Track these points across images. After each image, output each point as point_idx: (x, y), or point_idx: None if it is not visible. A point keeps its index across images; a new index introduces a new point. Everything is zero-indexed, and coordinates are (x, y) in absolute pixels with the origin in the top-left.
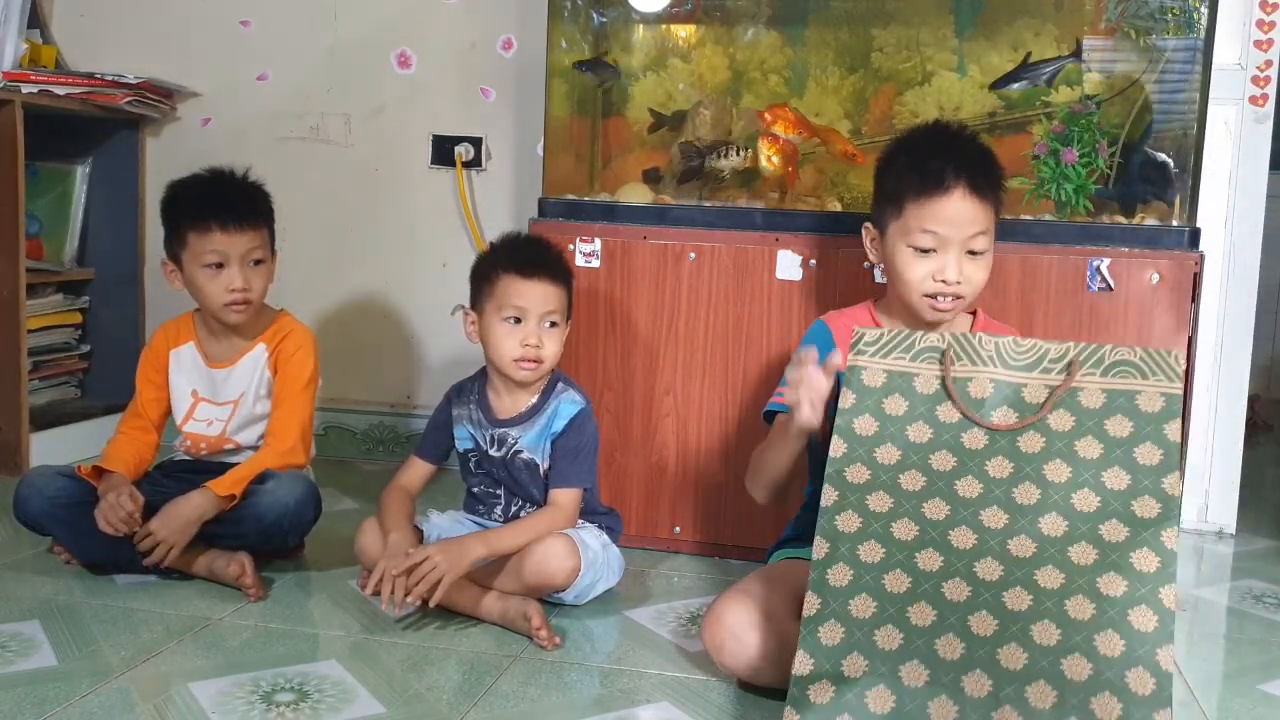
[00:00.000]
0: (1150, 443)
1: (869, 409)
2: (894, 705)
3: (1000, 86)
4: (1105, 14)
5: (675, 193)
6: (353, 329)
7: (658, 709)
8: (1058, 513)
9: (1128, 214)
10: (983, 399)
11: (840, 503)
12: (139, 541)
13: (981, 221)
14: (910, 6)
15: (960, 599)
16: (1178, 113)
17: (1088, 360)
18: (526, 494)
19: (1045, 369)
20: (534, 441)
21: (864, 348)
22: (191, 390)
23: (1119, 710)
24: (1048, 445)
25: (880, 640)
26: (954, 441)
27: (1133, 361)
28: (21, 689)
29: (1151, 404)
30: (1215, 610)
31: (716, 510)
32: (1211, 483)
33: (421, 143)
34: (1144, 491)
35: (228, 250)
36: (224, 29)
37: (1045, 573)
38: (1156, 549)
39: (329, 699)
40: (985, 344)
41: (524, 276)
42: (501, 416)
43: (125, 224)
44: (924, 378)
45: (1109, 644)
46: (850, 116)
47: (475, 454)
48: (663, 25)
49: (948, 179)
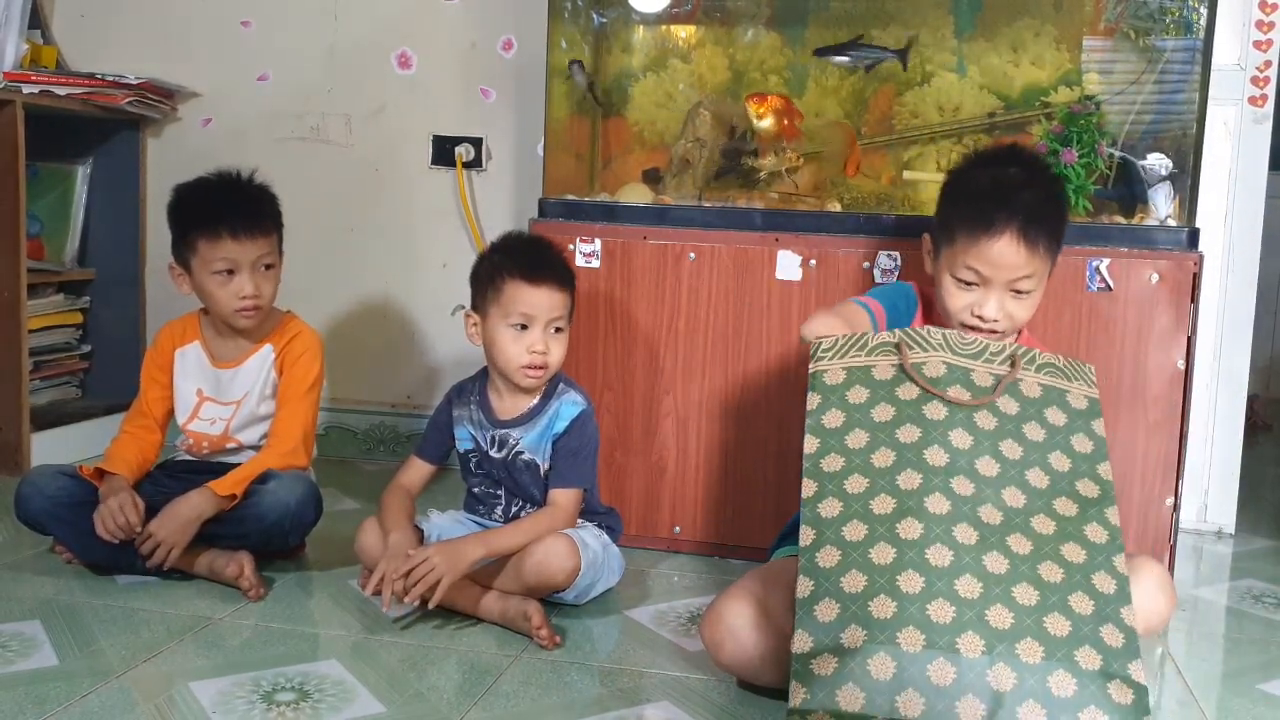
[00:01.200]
0: (1082, 434)
1: (834, 404)
2: (895, 670)
3: (822, 55)
4: (1105, 14)
5: (707, 190)
6: (353, 329)
7: (658, 709)
8: (1016, 486)
9: (1127, 214)
10: (937, 378)
11: (820, 492)
12: (139, 545)
13: (1029, 266)
14: (910, 6)
15: (945, 564)
16: (1177, 113)
17: (1024, 356)
18: (527, 494)
19: (988, 359)
20: (535, 442)
21: (821, 354)
22: (196, 390)
23: (1100, 661)
24: (1000, 425)
25: (875, 610)
26: (916, 413)
27: (1058, 366)
28: (22, 689)
29: (1078, 402)
30: (1215, 610)
31: (716, 510)
32: (1211, 483)
33: (421, 143)
34: (1083, 475)
35: (239, 258)
36: (224, 29)
37: (1016, 539)
38: (1103, 523)
39: (329, 699)
40: (933, 334)
41: (531, 283)
42: (503, 418)
43: (126, 224)
44: (881, 367)
45: (1081, 604)
46: (850, 117)
47: (475, 455)
48: (663, 25)
49: (998, 222)
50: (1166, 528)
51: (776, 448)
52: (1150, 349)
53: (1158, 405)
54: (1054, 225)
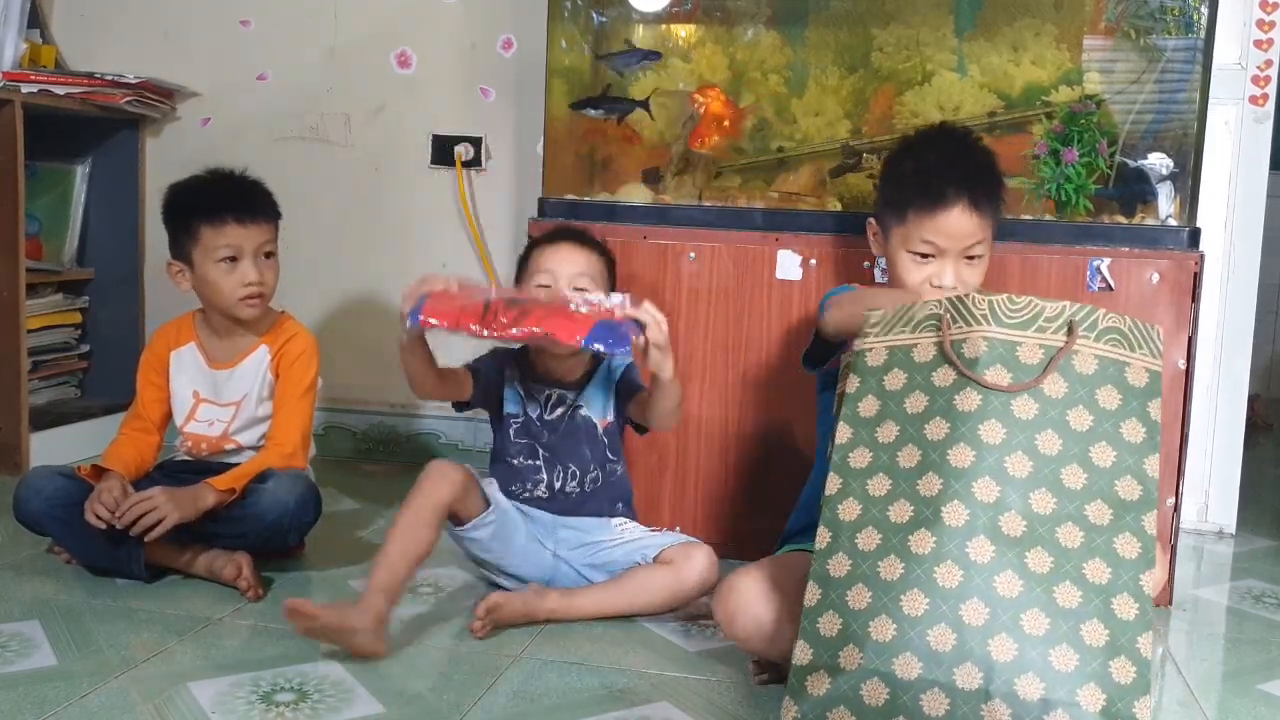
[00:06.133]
0: (1135, 419)
1: (871, 389)
2: (887, 698)
3: (576, 108)
4: (1106, 13)
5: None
6: (353, 329)
7: (658, 709)
8: (1047, 488)
9: (1128, 214)
10: (976, 358)
11: (843, 490)
12: (136, 503)
13: (980, 233)
14: (910, 6)
15: (953, 585)
16: (1178, 113)
17: (1083, 321)
18: (575, 458)
19: (1040, 328)
20: (596, 398)
21: (868, 330)
22: (193, 391)
23: (1103, 700)
24: (1041, 413)
25: (874, 631)
26: (947, 405)
27: (1122, 330)
28: (21, 689)
29: (1138, 378)
30: (1215, 610)
31: (716, 510)
32: (1211, 483)
33: (421, 143)
34: (1126, 471)
35: (242, 243)
36: (224, 29)
37: (1035, 555)
38: (1138, 533)
39: (329, 699)
40: (979, 304)
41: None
42: (559, 378)
43: (125, 224)
44: (922, 346)
45: (1094, 633)
46: (850, 116)
47: (519, 419)
48: (663, 25)
49: (949, 195)
50: (1167, 528)
51: (777, 447)
52: None
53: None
54: (996, 191)
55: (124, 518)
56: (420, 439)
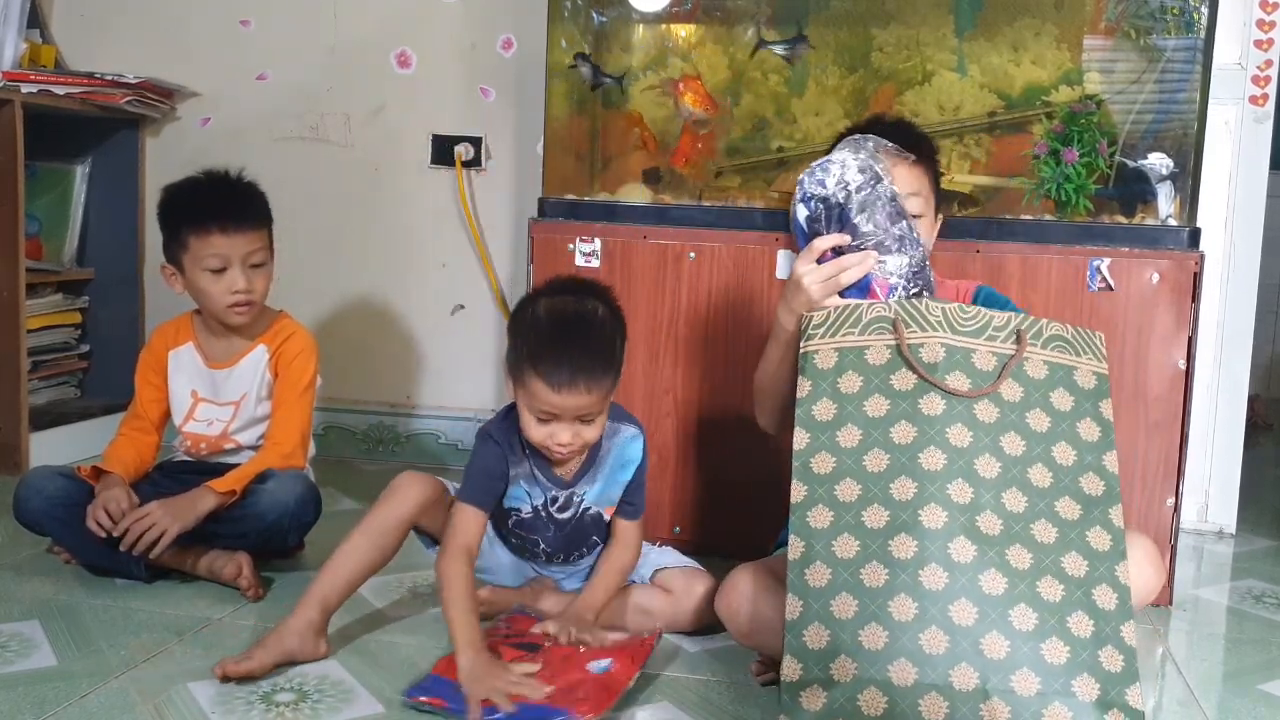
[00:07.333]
0: (1090, 419)
1: (825, 393)
2: (886, 706)
3: (574, 65)
4: (1106, 13)
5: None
6: (352, 328)
7: (658, 709)
8: (1017, 487)
9: (1128, 214)
10: (935, 363)
11: (809, 498)
12: (132, 523)
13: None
14: (910, 6)
15: (939, 588)
16: (1178, 113)
17: (1030, 330)
18: (585, 544)
19: (991, 336)
20: (601, 493)
21: (813, 331)
22: (191, 391)
23: (1097, 690)
24: (1002, 416)
25: (865, 640)
26: (912, 409)
27: (1066, 337)
28: (21, 689)
29: (1086, 381)
30: (1215, 610)
31: (716, 510)
32: (1211, 483)
33: (421, 142)
34: (1088, 468)
35: (228, 253)
36: (224, 29)
37: (1015, 551)
38: (1106, 526)
39: (329, 699)
40: (932, 310)
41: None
42: (565, 477)
43: (125, 224)
44: (875, 349)
45: (1080, 625)
46: (850, 116)
47: (529, 514)
48: (662, 24)
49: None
50: (1167, 528)
51: (777, 447)
52: (1151, 349)
53: (1159, 405)
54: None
55: (125, 539)
56: (420, 439)
